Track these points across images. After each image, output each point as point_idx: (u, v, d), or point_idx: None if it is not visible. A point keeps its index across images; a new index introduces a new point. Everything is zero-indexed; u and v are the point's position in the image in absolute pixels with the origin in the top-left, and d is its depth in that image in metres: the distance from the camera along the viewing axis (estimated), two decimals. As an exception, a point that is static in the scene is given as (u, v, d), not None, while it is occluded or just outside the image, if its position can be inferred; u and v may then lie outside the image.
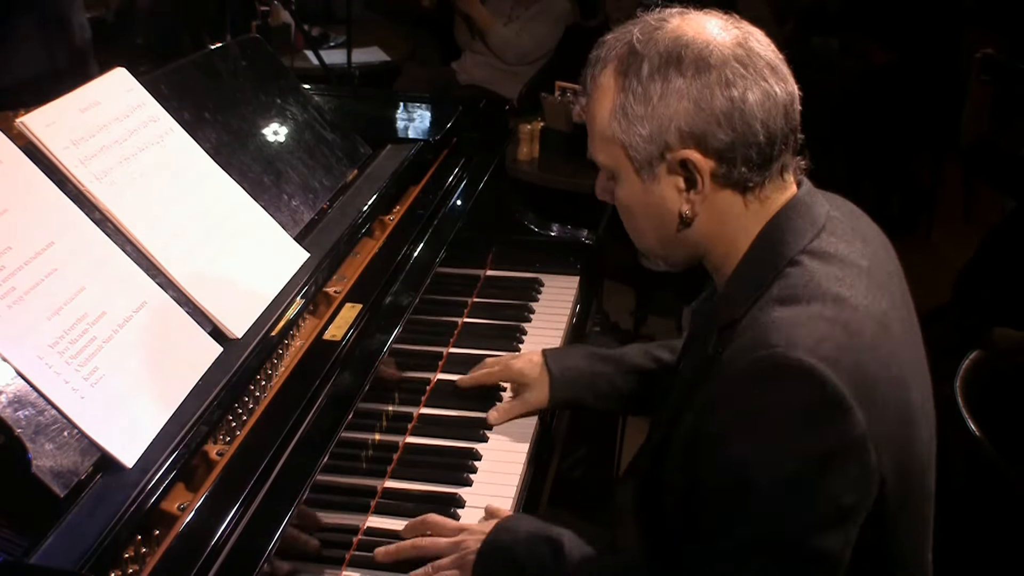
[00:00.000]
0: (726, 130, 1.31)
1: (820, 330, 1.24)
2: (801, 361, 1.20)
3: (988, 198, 4.68)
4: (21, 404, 1.24)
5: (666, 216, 1.39)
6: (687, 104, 1.31)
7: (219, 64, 2.00)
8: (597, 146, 1.42)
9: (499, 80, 5.07)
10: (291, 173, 1.92)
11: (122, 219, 1.53)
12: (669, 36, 1.34)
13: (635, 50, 1.34)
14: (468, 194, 2.24)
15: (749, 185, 1.35)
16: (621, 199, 1.43)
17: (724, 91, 1.30)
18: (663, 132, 1.33)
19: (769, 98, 1.32)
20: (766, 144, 1.33)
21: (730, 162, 1.33)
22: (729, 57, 1.31)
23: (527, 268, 2.43)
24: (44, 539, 1.18)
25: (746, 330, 1.29)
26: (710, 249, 1.42)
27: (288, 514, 1.33)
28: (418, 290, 1.88)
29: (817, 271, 1.31)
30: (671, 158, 1.34)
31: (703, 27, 1.35)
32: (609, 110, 1.36)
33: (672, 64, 1.31)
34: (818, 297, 1.28)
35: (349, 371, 1.58)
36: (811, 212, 1.39)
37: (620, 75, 1.35)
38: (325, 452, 1.46)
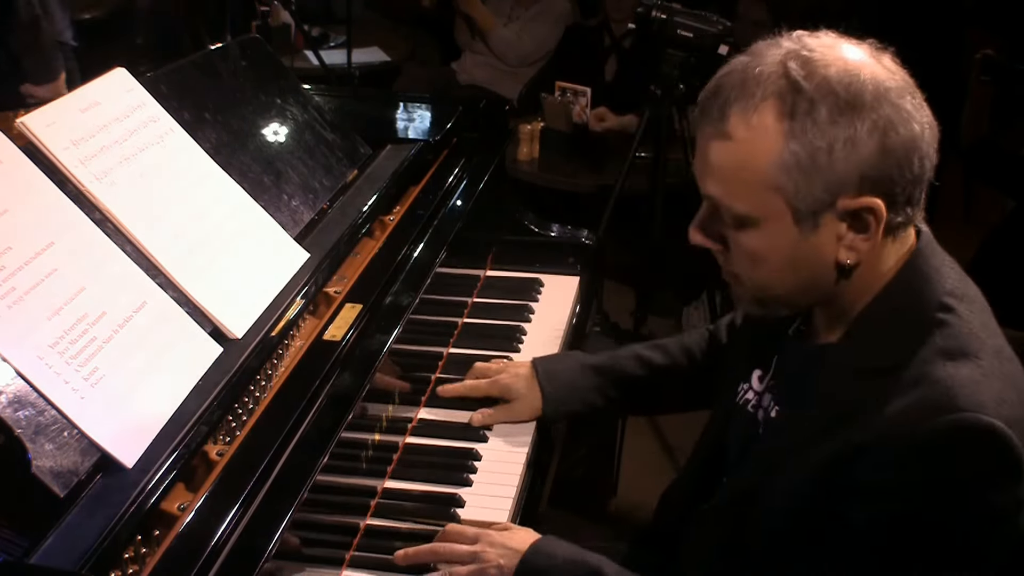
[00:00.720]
0: (908, 172, 1.22)
1: (997, 389, 1.21)
2: (992, 426, 1.17)
3: (988, 198, 4.68)
4: (21, 404, 1.24)
5: (818, 266, 1.28)
6: (872, 148, 1.20)
7: (219, 64, 2.00)
8: (737, 192, 1.26)
9: (499, 80, 5.08)
10: (291, 173, 1.92)
11: (122, 219, 1.53)
12: (836, 70, 1.21)
13: (800, 87, 1.20)
14: (468, 194, 2.24)
15: (907, 225, 1.28)
16: (755, 249, 1.29)
17: (907, 129, 1.21)
18: (843, 181, 1.21)
19: (932, 130, 1.25)
20: (928, 181, 1.26)
21: (898, 205, 1.24)
22: (905, 91, 1.23)
23: (527, 268, 2.42)
24: (44, 539, 1.18)
25: (918, 386, 1.21)
26: (846, 291, 1.31)
27: (288, 514, 1.33)
28: (418, 290, 1.88)
29: (970, 319, 1.26)
30: (844, 206, 1.22)
31: (863, 58, 1.24)
32: (773, 156, 1.21)
33: (854, 105, 1.19)
34: (984, 351, 1.24)
35: (349, 371, 1.57)
36: (937, 249, 1.33)
37: (786, 117, 1.21)
38: (325, 452, 1.46)
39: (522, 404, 1.85)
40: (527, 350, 2.13)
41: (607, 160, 4.04)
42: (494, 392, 1.87)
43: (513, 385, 1.86)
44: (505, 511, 1.67)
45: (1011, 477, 1.19)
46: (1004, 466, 1.19)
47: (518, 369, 1.88)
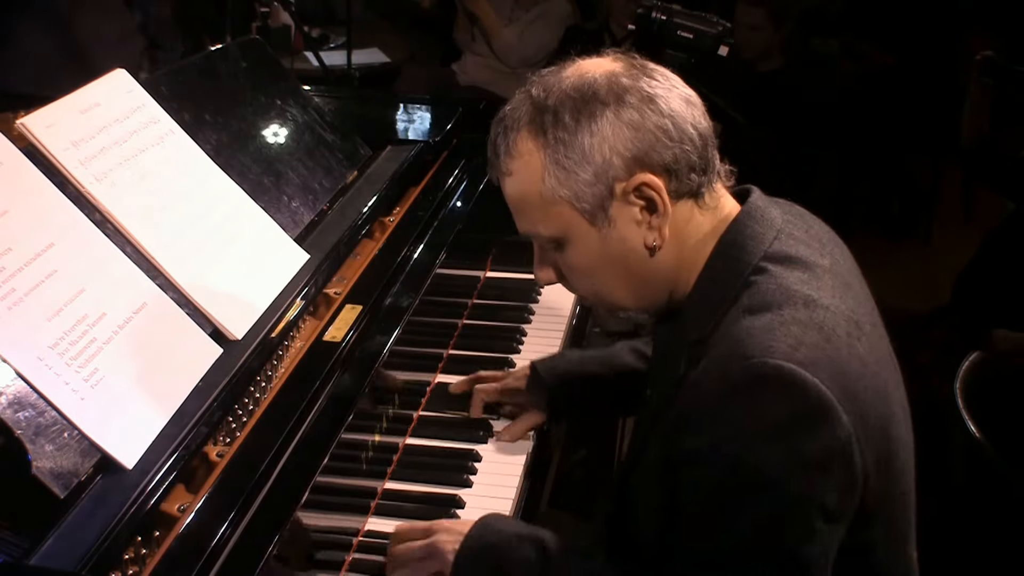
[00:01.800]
0: (665, 143, 1.29)
1: (794, 334, 1.22)
2: (780, 367, 1.18)
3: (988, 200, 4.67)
4: (21, 405, 1.24)
5: (632, 256, 1.35)
6: (622, 130, 1.29)
7: (219, 66, 2.00)
8: (535, 218, 1.36)
9: (499, 81, 5.07)
10: (291, 174, 1.92)
11: (122, 220, 1.53)
12: (571, 79, 1.32)
13: (543, 105, 1.32)
14: (468, 195, 2.24)
15: (700, 190, 1.34)
16: (577, 264, 1.39)
17: (650, 106, 1.29)
18: (607, 167, 1.29)
19: (687, 101, 1.32)
20: (701, 145, 1.32)
21: (678, 173, 1.31)
22: (638, 75, 1.32)
23: (527, 269, 2.40)
24: (44, 540, 1.18)
25: (718, 344, 1.27)
26: (678, 273, 1.38)
27: (288, 515, 1.33)
28: (418, 291, 1.88)
29: (783, 275, 1.30)
30: (622, 190, 1.30)
31: (598, 63, 1.35)
32: (538, 174, 1.32)
33: (590, 99, 1.30)
34: (788, 301, 1.26)
35: (349, 372, 1.58)
36: (766, 216, 1.37)
37: (538, 134, 1.32)
38: (325, 453, 1.46)
39: (533, 407, 1.86)
40: (527, 351, 2.13)
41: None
42: (504, 398, 1.89)
43: (520, 387, 1.87)
44: (505, 512, 1.67)
45: (811, 419, 1.19)
46: (801, 408, 1.18)
47: (523, 371, 1.89)
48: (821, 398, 1.18)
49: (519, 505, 1.71)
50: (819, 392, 1.18)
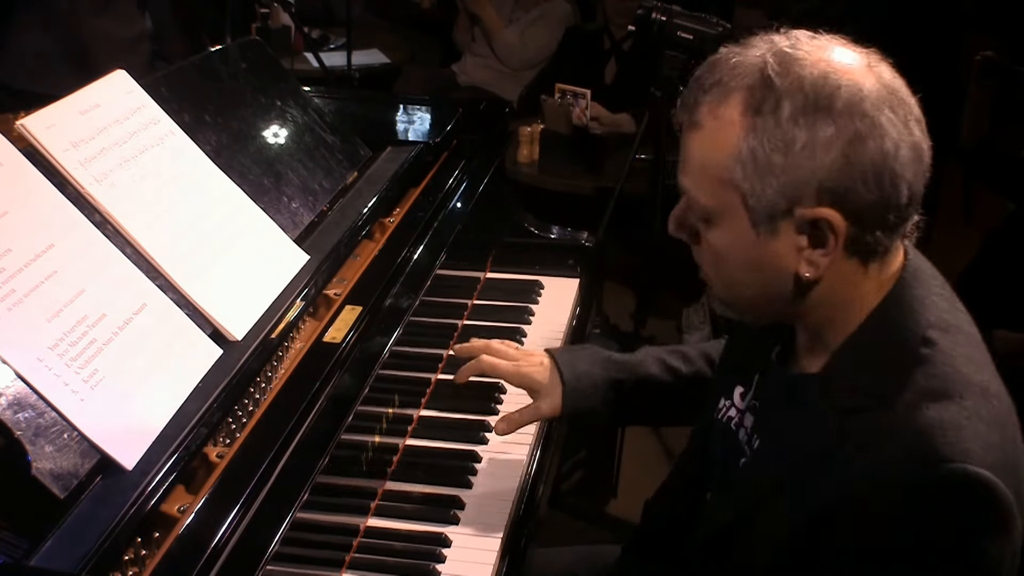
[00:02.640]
0: (872, 190, 1.15)
1: (982, 435, 1.14)
2: (980, 476, 1.11)
3: (988, 200, 4.68)
4: (21, 406, 1.24)
5: (777, 275, 1.23)
6: (835, 156, 1.14)
7: (219, 66, 2.00)
8: (701, 184, 1.24)
9: (499, 82, 5.08)
10: (291, 175, 1.92)
11: (122, 221, 1.53)
12: (815, 71, 1.17)
13: (771, 84, 1.17)
14: (468, 196, 2.24)
15: (878, 250, 1.21)
16: (718, 245, 1.26)
17: (878, 143, 1.15)
18: (800, 186, 1.16)
19: (917, 155, 1.18)
20: (905, 206, 1.18)
21: (865, 225, 1.18)
22: (884, 104, 1.16)
23: (527, 270, 2.43)
24: (44, 541, 1.18)
25: (901, 431, 1.16)
26: (816, 310, 1.26)
27: (288, 516, 1.33)
28: (418, 292, 1.88)
29: (954, 354, 1.20)
30: (801, 215, 1.18)
31: (851, 66, 1.19)
32: (731, 150, 1.19)
33: (822, 107, 1.15)
34: (968, 390, 1.17)
35: (349, 373, 1.58)
36: (925, 276, 1.27)
37: (750, 112, 1.17)
38: (325, 454, 1.46)
39: (546, 400, 1.69)
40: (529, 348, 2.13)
41: (607, 162, 4.04)
42: (514, 380, 1.72)
43: (537, 376, 1.70)
44: (505, 513, 1.67)
45: (1000, 528, 1.14)
46: (994, 518, 1.13)
47: (539, 358, 1.73)
48: (1008, 505, 1.13)
49: (519, 506, 1.71)
50: (1007, 499, 1.13)
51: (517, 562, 1.62)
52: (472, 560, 1.57)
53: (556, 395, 1.69)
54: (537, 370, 1.71)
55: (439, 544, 1.60)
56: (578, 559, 1.88)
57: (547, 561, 1.84)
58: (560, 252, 2.45)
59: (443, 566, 1.57)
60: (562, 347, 1.80)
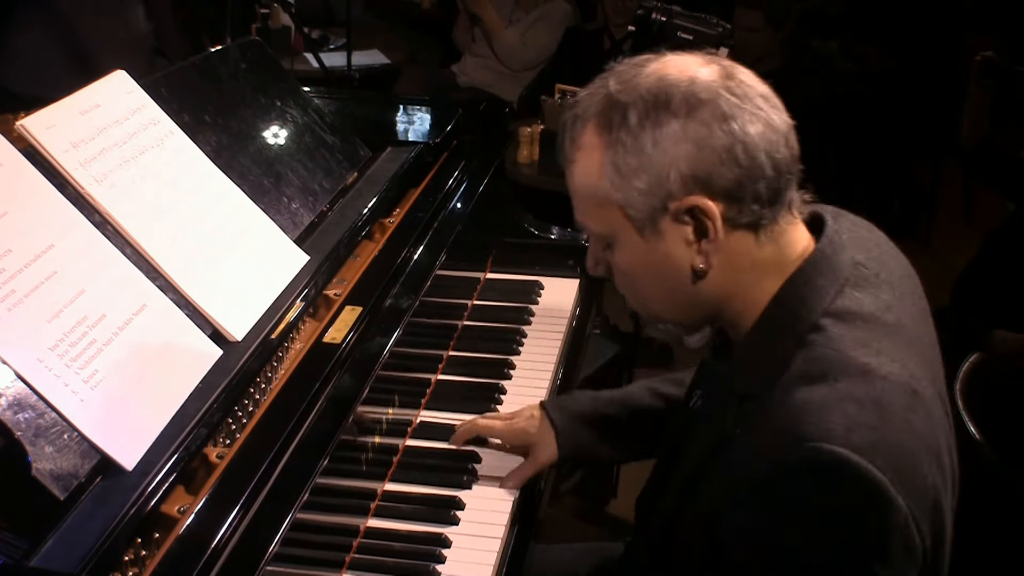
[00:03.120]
0: (731, 167, 1.21)
1: (851, 414, 1.16)
2: (834, 453, 1.12)
3: (988, 201, 4.68)
4: (21, 407, 1.24)
5: (675, 274, 1.29)
6: (685, 146, 1.21)
7: (219, 67, 2.00)
8: (588, 212, 1.32)
9: (499, 83, 5.08)
10: (291, 176, 1.92)
11: (122, 222, 1.53)
12: (650, 79, 1.25)
13: (615, 101, 1.25)
14: (468, 197, 2.24)
15: (762, 223, 1.26)
16: (621, 266, 1.34)
17: (723, 125, 1.21)
18: (663, 181, 1.23)
19: (769, 127, 1.24)
20: (774, 177, 1.24)
21: (739, 201, 1.23)
22: (720, 90, 1.23)
23: (527, 271, 2.43)
24: (44, 542, 1.18)
25: (772, 413, 1.20)
26: (726, 303, 1.31)
27: (288, 517, 1.33)
28: (418, 293, 1.88)
29: (841, 338, 1.23)
30: (675, 208, 1.24)
31: (685, 65, 1.27)
32: (597, 170, 1.27)
33: (661, 106, 1.22)
34: (846, 372, 1.19)
35: (349, 374, 1.58)
36: (833, 266, 1.29)
37: (603, 130, 1.26)
38: (325, 455, 1.46)
39: (540, 449, 1.75)
40: (527, 352, 2.13)
41: (607, 163, 4.04)
42: (510, 438, 1.80)
43: (529, 427, 1.78)
44: (505, 514, 1.67)
45: (868, 507, 1.14)
46: (857, 496, 1.13)
47: (531, 411, 1.81)
48: (877, 485, 1.13)
49: (518, 507, 1.71)
50: (874, 479, 1.12)
51: (517, 562, 1.62)
52: (472, 560, 1.57)
53: (550, 442, 1.75)
54: (530, 423, 1.79)
55: (439, 545, 1.60)
56: (578, 557, 1.88)
57: (547, 560, 1.85)
58: (560, 252, 2.45)
59: (443, 567, 1.57)
60: (550, 398, 1.84)
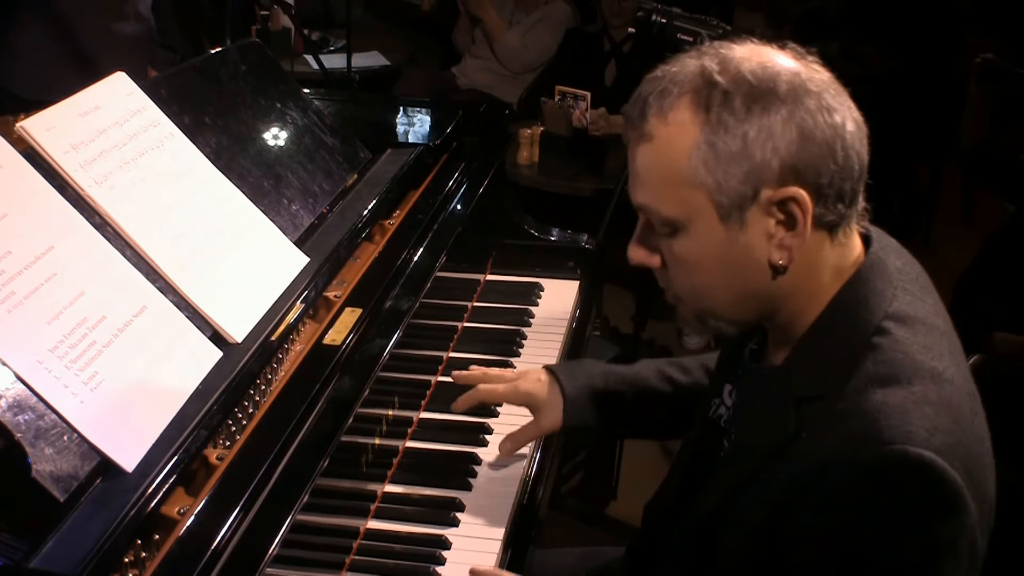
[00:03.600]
0: (829, 162, 1.19)
1: (929, 417, 1.16)
2: (921, 457, 1.12)
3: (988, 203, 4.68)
4: (21, 408, 1.24)
5: (750, 268, 1.25)
6: (790, 134, 1.18)
7: (219, 69, 2.00)
8: (662, 194, 1.25)
9: (499, 84, 5.08)
10: (291, 177, 1.92)
11: (122, 223, 1.53)
12: (753, 64, 1.21)
13: (714, 81, 1.21)
14: (468, 198, 2.24)
15: (840, 224, 1.25)
16: (687, 255, 1.27)
17: (828, 118, 1.19)
18: (762, 168, 1.19)
19: (859, 128, 1.23)
20: (858, 177, 1.23)
21: (827, 199, 1.21)
22: (823, 84, 1.22)
23: (527, 272, 2.43)
24: (44, 543, 1.18)
25: (848, 416, 1.18)
26: (788, 302, 1.29)
27: (288, 518, 1.33)
28: (418, 294, 1.88)
29: (907, 342, 1.22)
30: (768, 198, 1.20)
31: (780, 56, 1.24)
32: (689, 149, 1.21)
33: (768, 92, 1.19)
34: (917, 375, 1.19)
35: (349, 375, 1.58)
36: (886, 269, 1.29)
37: (700, 109, 1.21)
38: (325, 456, 1.46)
39: (547, 415, 1.73)
40: (527, 354, 2.13)
41: (607, 164, 4.04)
42: (515, 400, 1.76)
43: (536, 391, 1.74)
44: (505, 515, 1.67)
45: (947, 510, 1.15)
46: (938, 500, 1.14)
47: (538, 375, 1.76)
48: (956, 487, 1.14)
49: (519, 508, 1.71)
50: (954, 481, 1.14)
51: (517, 564, 1.62)
52: (472, 562, 1.57)
53: (557, 409, 1.72)
54: (536, 386, 1.74)
55: (439, 546, 1.60)
56: (578, 560, 1.88)
57: (547, 563, 1.84)
58: (560, 254, 2.45)
59: (443, 568, 1.57)
60: (560, 363, 1.81)
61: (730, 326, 1.35)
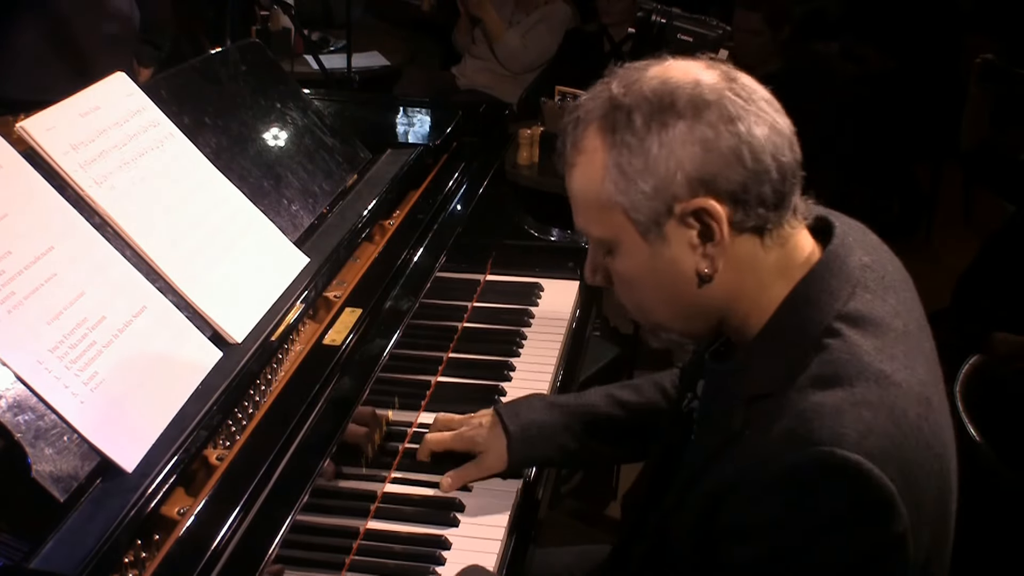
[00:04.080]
0: (737, 169, 1.21)
1: (865, 420, 1.15)
2: (847, 459, 1.12)
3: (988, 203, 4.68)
4: (21, 409, 1.24)
5: (680, 280, 1.28)
6: (692, 147, 1.20)
7: (219, 69, 2.00)
8: (590, 218, 1.31)
9: (499, 84, 5.08)
10: (291, 178, 1.92)
11: (122, 224, 1.53)
12: (654, 81, 1.24)
13: (619, 103, 1.25)
14: (468, 199, 2.24)
15: (767, 227, 1.25)
16: (623, 273, 1.32)
17: (729, 127, 1.21)
18: (669, 183, 1.21)
19: (774, 130, 1.24)
20: (779, 180, 1.23)
21: (745, 204, 1.22)
22: (725, 92, 1.23)
23: (527, 273, 2.43)
24: (44, 544, 1.18)
25: (783, 415, 1.19)
26: (731, 309, 1.30)
27: (288, 518, 1.33)
28: (418, 294, 1.88)
29: (857, 342, 1.22)
30: (681, 210, 1.22)
31: (687, 68, 1.27)
32: (600, 173, 1.26)
33: (667, 108, 1.22)
34: (861, 377, 1.19)
35: (349, 376, 1.58)
36: (844, 268, 1.29)
37: (607, 132, 1.25)
38: (325, 456, 1.46)
39: (489, 455, 1.72)
40: (527, 354, 2.13)
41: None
42: (458, 446, 1.75)
43: (477, 436, 1.73)
44: (505, 515, 1.67)
45: (874, 513, 1.14)
46: (863, 502, 1.14)
47: (481, 419, 1.76)
48: (884, 492, 1.13)
49: (518, 508, 1.71)
50: (883, 486, 1.13)
51: (517, 563, 1.62)
52: (472, 562, 1.57)
53: (500, 449, 1.71)
54: (478, 430, 1.74)
55: (439, 546, 1.60)
56: (578, 560, 1.88)
57: (547, 562, 1.85)
58: (560, 254, 2.45)
59: (443, 568, 1.57)
60: (505, 403, 1.78)
61: (683, 338, 1.39)
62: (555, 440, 1.73)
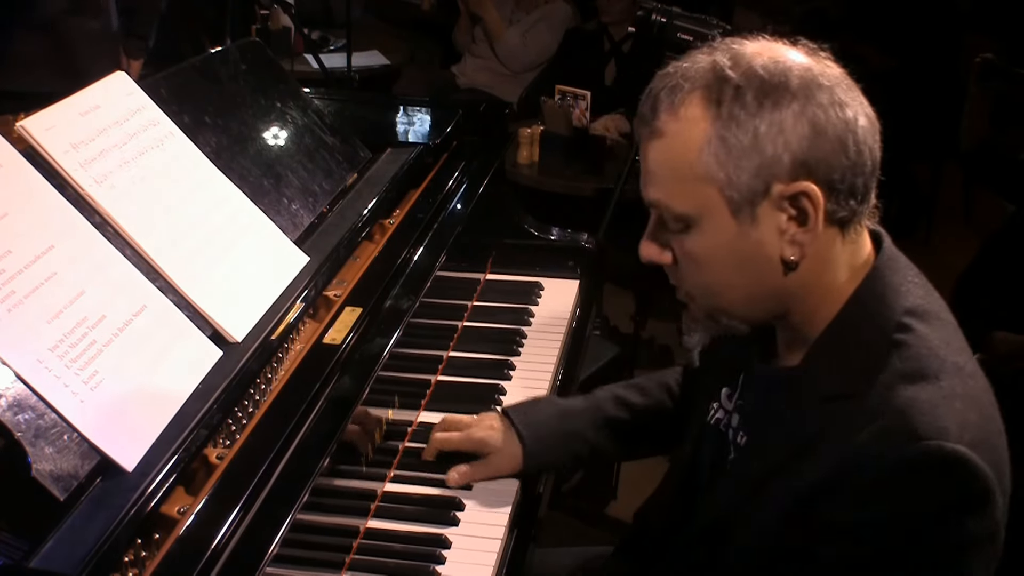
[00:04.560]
0: (840, 157, 1.19)
1: (960, 413, 1.17)
2: (955, 452, 1.14)
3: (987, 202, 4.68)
4: (21, 408, 1.24)
5: (762, 263, 1.25)
6: (802, 129, 1.18)
7: (219, 68, 2.00)
8: (674, 189, 1.25)
9: (499, 84, 5.09)
10: (291, 177, 1.92)
11: (122, 223, 1.53)
12: (764, 59, 1.21)
13: (726, 76, 1.21)
14: (468, 198, 2.24)
15: (852, 220, 1.24)
16: (698, 251, 1.27)
17: (840, 113, 1.19)
18: (773, 164, 1.19)
19: (871, 123, 1.23)
20: (870, 173, 1.23)
21: (838, 194, 1.21)
22: (834, 78, 1.22)
23: (527, 272, 2.43)
24: (44, 543, 1.18)
25: (878, 413, 1.18)
26: (802, 300, 1.28)
27: (288, 517, 1.33)
28: (418, 294, 1.88)
29: (929, 337, 1.23)
30: (779, 193, 1.20)
31: (792, 52, 1.25)
32: (700, 144, 1.21)
33: (780, 87, 1.19)
34: (944, 371, 1.20)
35: (349, 375, 1.58)
36: (900, 266, 1.29)
37: (713, 104, 1.20)
38: (325, 456, 1.46)
39: (501, 458, 1.71)
40: (527, 353, 2.13)
41: (607, 163, 4.05)
42: (467, 447, 1.72)
43: (488, 438, 1.71)
44: (505, 514, 1.67)
45: (979, 504, 1.16)
46: (971, 494, 1.16)
47: (491, 421, 1.74)
48: (987, 482, 1.16)
49: (518, 508, 1.71)
50: (986, 476, 1.15)
51: (517, 563, 1.62)
52: (472, 561, 1.57)
53: (515, 453, 1.70)
54: (490, 433, 1.72)
55: (439, 546, 1.60)
56: (578, 560, 1.88)
57: (547, 562, 1.84)
58: (560, 254, 2.45)
59: (443, 567, 1.56)
60: (513, 406, 1.77)
61: (742, 324, 1.34)
62: (568, 447, 1.73)
